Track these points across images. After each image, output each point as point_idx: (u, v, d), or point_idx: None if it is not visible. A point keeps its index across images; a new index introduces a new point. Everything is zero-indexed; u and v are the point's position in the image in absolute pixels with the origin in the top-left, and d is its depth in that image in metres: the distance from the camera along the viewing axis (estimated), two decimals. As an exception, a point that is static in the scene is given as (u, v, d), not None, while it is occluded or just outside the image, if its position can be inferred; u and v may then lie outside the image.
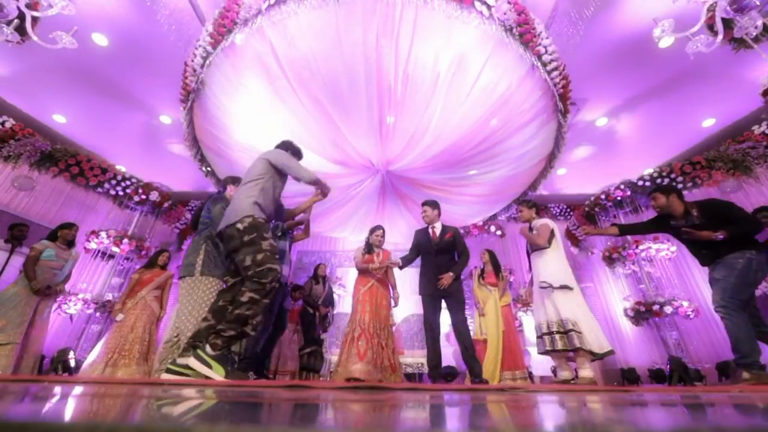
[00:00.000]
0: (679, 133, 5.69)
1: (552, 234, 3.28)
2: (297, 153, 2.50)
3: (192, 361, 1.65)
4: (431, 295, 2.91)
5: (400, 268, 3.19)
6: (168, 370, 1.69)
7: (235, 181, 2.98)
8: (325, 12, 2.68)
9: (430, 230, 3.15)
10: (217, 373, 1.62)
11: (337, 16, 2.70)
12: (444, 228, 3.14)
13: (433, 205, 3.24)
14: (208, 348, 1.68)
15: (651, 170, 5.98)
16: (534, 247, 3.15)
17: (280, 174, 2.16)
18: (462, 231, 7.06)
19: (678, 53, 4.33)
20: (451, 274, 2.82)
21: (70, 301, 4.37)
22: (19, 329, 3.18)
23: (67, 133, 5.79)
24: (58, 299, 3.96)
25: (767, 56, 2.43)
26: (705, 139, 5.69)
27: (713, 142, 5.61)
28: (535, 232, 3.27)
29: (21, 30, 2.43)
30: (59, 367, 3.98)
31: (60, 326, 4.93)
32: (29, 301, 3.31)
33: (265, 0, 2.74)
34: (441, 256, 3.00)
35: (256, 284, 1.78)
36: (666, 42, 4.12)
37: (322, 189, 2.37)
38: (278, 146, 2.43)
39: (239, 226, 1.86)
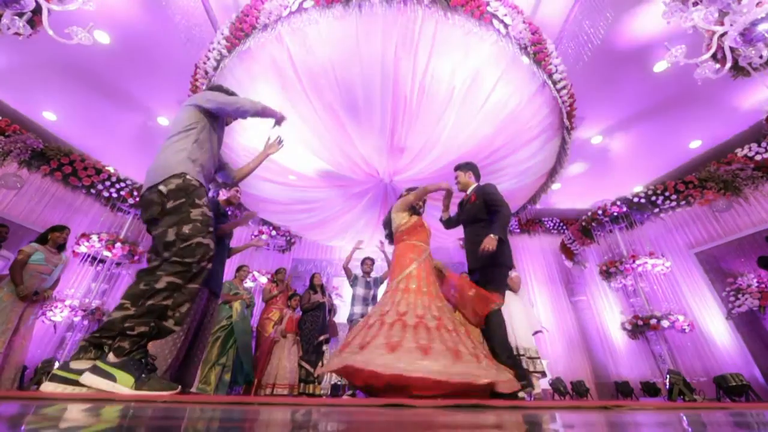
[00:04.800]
0: (668, 153, 5.95)
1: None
2: (231, 95, 1.97)
3: (88, 377, 1.19)
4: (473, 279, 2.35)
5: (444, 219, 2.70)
6: (53, 378, 1.20)
7: (228, 185, 2.87)
8: (346, 22, 2.69)
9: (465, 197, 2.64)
10: (123, 386, 1.21)
11: (357, 27, 2.72)
12: (471, 190, 2.55)
13: (465, 167, 2.67)
14: (110, 356, 1.24)
15: (641, 187, 6.22)
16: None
17: (215, 122, 1.74)
18: (460, 242, 7.20)
19: (669, 78, 4.57)
20: (492, 235, 2.11)
21: (56, 307, 4.12)
22: (2, 338, 2.97)
23: (57, 131, 5.55)
24: (44, 305, 3.72)
25: (765, 83, 2.58)
26: (692, 159, 5.98)
27: (699, 162, 5.91)
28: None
29: (31, 23, 2.34)
30: (43, 378, 3.71)
31: (38, 334, 4.62)
32: (14, 308, 3.11)
33: (286, 7, 2.74)
34: (472, 227, 2.43)
35: (177, 265, 1.35)
36: (661, 66, 4.34)
37: (273, 116, 1.93)
38: (209, 89, 1.96)
39: (162, 188, 1.44)
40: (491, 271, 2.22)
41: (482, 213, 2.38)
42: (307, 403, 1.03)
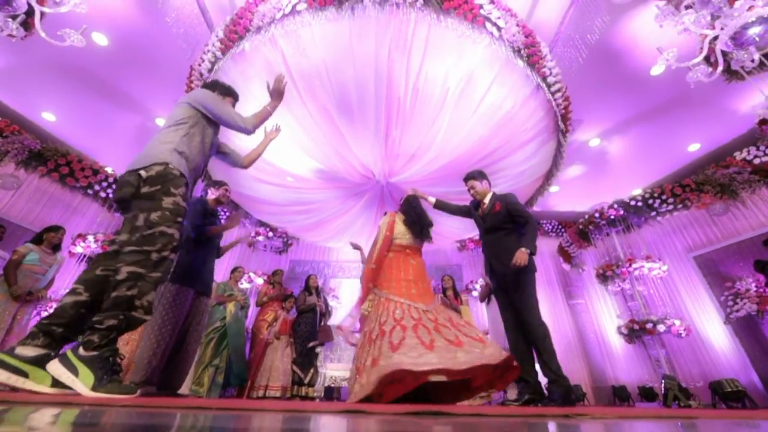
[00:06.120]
0: (666, 156, 5.93)
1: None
2: (229, 93, 2.00)
3: (54, 365, 1.18)
4: (497, 287, 2.46)
5: (434, 204, 2.84)
6: None
7: (217, 184, 2.89)
8: (339, 24, 2.70)
9: (481, 205, 2.65)
10: (82, 383, 1.16)
11: (350, 29, 2.73)
12: (492, 199, 2.58)
13: (479, 175, 2.69)
14: (80, 349, 1.22)
15: (639, 190, 6.19)
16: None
17: (209, 120, 1.76)
18: (458, 245, 7.20)
19: (667, 81, 4.56)
20: (523, 249, 2.19)
21: (50, 307, 4.13)
22: (-5, 338, 2.98)
23: (56, 131, 5.59)
24: (38, 306, 3.73)
25: (759, 87, 2.57)
26: (690, 162, 5.95)
27: (698, 166, 5.88)
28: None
29: (25, 25, 2.35)
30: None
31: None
32: (8, 308, 3.13)
33: (280, 9, 2.75)
34: (493, 235, 2.47)
35: (135, 254, 1.33)
36: (658, 69, 4.32)
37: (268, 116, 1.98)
38: (205, 86, 1.99)
39: (142, 172, 1.45)
40: (524, 278, 2.29)
41: (505, 222, 2.45)
42: (266, 408, 1.02)
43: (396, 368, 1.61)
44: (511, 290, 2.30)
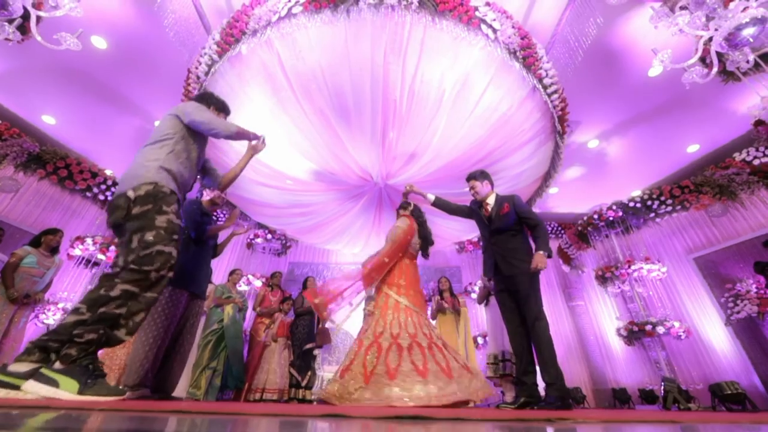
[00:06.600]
0: (666, 158, 5.92)
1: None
2: (222, 108, 1.98)
3: (30, 384, 1.14)
4: (499, 289, 2.46)
5: (432, 202, 2.82)
6: None
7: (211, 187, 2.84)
8: (335, 27, 2.71)
9: (483, 206, 2.59)
10: (66, 391, 1.16)
11: (346, 32, 2.74)
12: (498, 200, 2.53)
13: (480, 176, 2.63)
14: (56, 363, 1.20)
15: (639, 192, 6.18)
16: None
17: (194, 133, 1.71)
18: (457, 246, 7.18)
19: (665, 82, 4.55)
20: (541, 252, 2.19)
21: (48, 310, 4.14)
22: (-8, 340, 2.98)
23: (56, 134, 5.61)
24: (35, 308, 3.74)
25: (755, 88, 2.57)
26: (689, 163, 5.94)
27: (697, 167, 5.87)
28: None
29: (22, 29, 2.37)
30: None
31: (30, 336, 4.63)
32: (5, 310, 3.13)
33: (275, 12, 2.76)
34: (499, 236, 2.43)
35: (134, 273, 1.32)
36: (655, 71, 4.32)
37: (250, 140, 1.93)
38: (195, 98, 1.94)
39: (130, 193, 1.42)
40: (534, 279, 2.29)
41: (511, 224, 2.43)
42: (244, 411, 1.01)
43: (426, 404, 1.78)
44: (520, 291, 2.29)
